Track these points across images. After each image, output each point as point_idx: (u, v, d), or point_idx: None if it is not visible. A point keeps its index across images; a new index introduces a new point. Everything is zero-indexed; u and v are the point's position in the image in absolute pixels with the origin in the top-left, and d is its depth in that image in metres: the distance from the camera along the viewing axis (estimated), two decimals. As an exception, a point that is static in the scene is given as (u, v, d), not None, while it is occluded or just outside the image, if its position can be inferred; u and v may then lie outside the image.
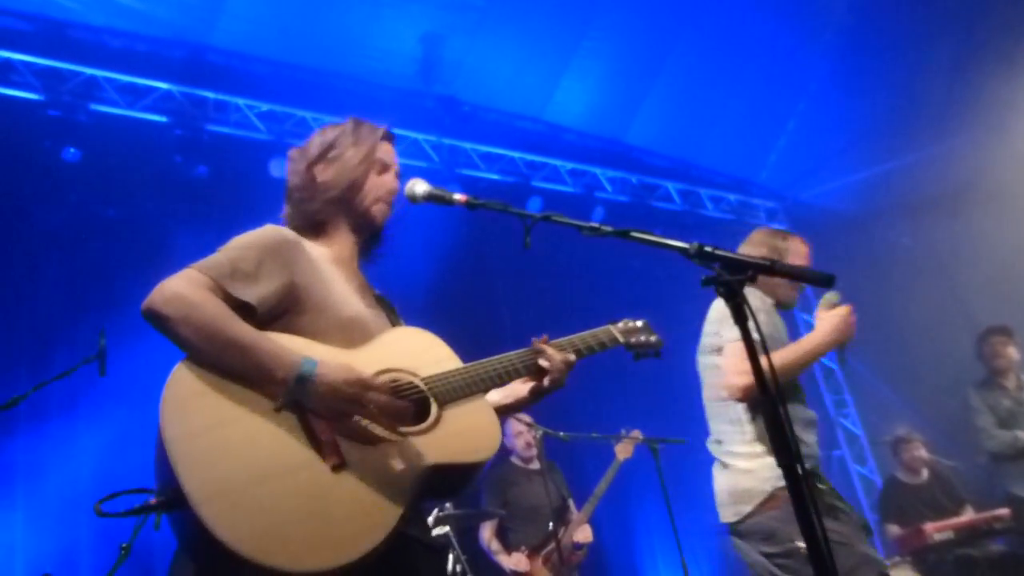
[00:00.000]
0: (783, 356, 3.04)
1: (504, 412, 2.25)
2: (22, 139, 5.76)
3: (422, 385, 1.93)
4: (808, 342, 3.13)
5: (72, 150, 5.92)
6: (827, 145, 9.19)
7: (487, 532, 5.30)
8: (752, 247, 3.47)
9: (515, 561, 5.07)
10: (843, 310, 3.12)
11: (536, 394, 2.21)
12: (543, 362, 2.16)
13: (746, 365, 3.26)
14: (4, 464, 4.93)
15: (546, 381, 2.17)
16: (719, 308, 3.30)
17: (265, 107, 6.84)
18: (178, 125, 6.39)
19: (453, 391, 1.94)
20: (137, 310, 1.76)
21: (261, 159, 6.57)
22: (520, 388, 2.24)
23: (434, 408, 1.90)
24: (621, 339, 2.35)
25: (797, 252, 3.45)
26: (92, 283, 5.44)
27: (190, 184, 6.27)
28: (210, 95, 6.59)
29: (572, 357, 2.20)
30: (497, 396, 2.24)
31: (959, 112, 8.09)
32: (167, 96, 6.42)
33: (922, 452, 6.16)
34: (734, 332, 3.35)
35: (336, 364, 1.76)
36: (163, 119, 6.39)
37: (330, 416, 1.75)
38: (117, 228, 5.87)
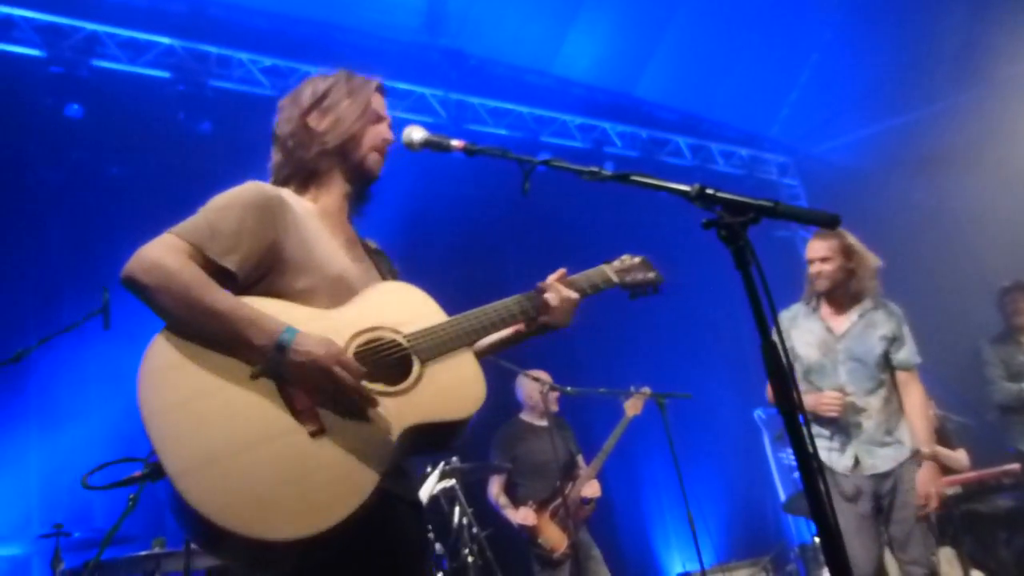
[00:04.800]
0: None
1: (500, 347, 2.25)
2: (24, 96, 5.72)
3: (404, 343, 1.91)
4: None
5: (75, 107, 5.87)
6: (839, 99, 9.06)
7: (495, 487, 5.33)
8: None
9: (522, 515, 5.10)
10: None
11: (537, 329, 2.18)
12: (551, 298, 2.13)
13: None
14: (16, 417, 4.98)
15: (546, 317, 2.14)
16: None
17: (268, 62, 6.77)
18: (181, 81, 6.34)
19: (436, 347, 1.92)
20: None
21: (265, 115, 6.47)
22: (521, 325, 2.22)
23: (416, 366, 1.88)
24: (615, 279, 2.31)
25: None
26: (96, 239, 5.42)
27: (194, 140, 6.22)
28: (212, 50, 6.51)
29: (575, 295, 2.18)
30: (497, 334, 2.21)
31: (973, 66, 7.94)
32: (169, 51, 6.35)
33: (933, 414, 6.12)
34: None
35: (316, 337, 1.74)
36: (166, 75, 6.34)
37: (307, 388, 1.74)
38: (120, 185, 5.84)
